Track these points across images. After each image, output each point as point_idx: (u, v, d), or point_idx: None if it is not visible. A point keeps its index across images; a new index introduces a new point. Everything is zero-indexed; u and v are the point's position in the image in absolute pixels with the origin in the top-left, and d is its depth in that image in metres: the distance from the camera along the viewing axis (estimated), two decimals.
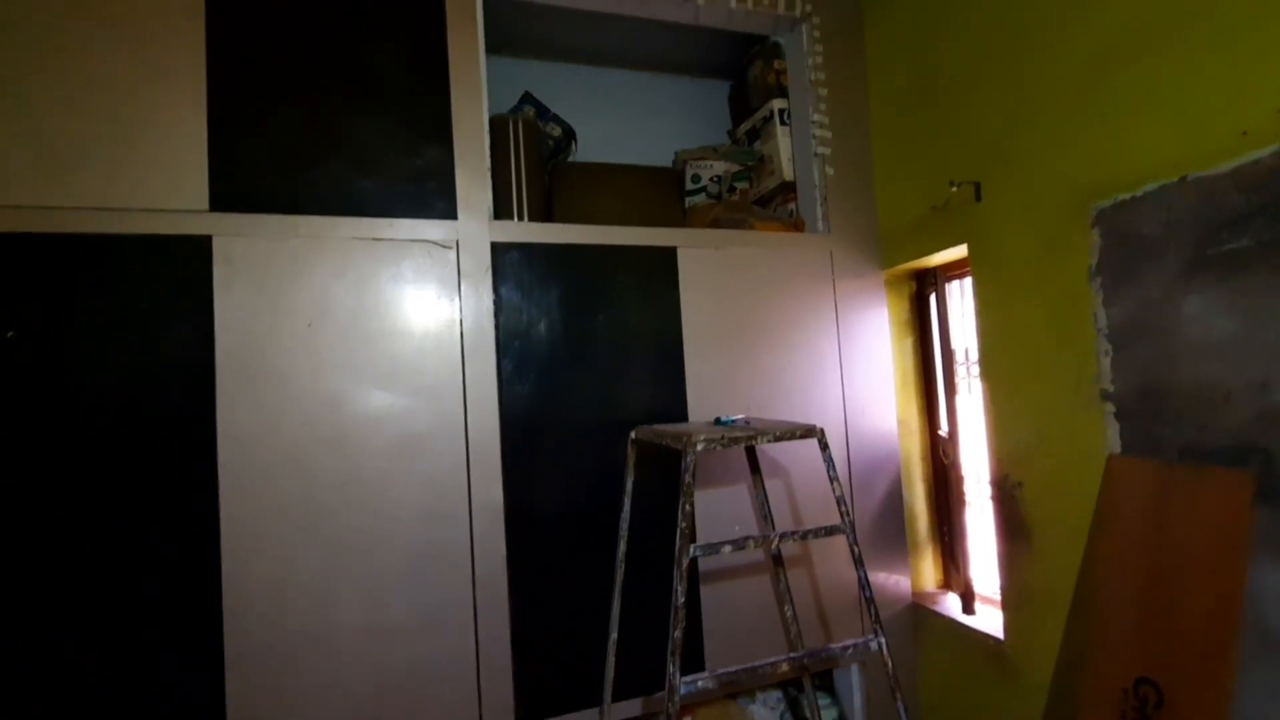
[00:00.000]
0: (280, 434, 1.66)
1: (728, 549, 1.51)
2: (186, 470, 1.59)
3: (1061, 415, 1.75)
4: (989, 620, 2.09)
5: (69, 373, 1.54)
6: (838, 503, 1.61)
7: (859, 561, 1.60)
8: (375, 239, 1.80)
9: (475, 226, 1.89)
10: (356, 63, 1.84)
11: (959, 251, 2.11)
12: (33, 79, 1.57)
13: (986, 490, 2.04)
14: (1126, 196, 1.56)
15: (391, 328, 1.78)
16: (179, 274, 1.62)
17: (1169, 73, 1.46)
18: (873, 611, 1.60)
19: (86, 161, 1.59)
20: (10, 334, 1.52)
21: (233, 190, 1.69)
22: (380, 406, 1.75)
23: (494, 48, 2.49)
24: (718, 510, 2.06)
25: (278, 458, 1.66)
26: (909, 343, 2.42)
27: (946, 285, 2.33)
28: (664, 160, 2.80)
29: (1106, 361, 1.62)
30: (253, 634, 1.61)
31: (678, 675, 1.41)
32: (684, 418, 2.06)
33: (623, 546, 1.87)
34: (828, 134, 2.38)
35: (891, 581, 2.28)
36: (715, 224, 2.45)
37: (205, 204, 1.66)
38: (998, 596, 2.01)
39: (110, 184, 1.60)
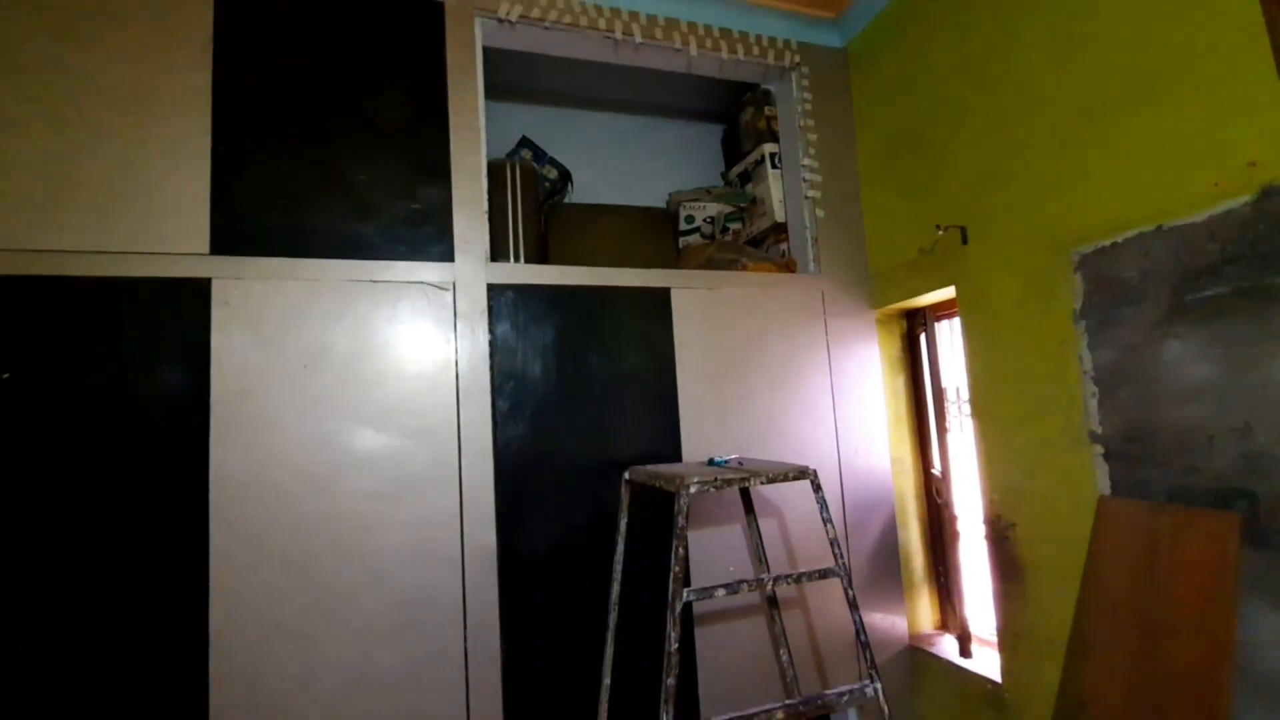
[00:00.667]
0: (271, 478, 1.66)
1: (721, 593, 1.50)
2: (176, 518, 1.58)
3: (1051, 456, 1.76)
4: (986, 663, 2.07)
5: (63, 415, 1.53)
6: (831, 545, 1.61)
7: (854, 605, 1.59)
8: (373, 281, 1.82)
9: (472, 268, 1.92)
10: (359, 110, 1.89)
11: (948, 293, 2.15)
12: (36, 124, 1.60)
13: (980, 530, 2.04)
14: (1107, 243, 1.60)
15: (387, 369, 1.80)
16: (177, 317, 1.64)
17: (1144, 126, 1.52)
18: (868, 656, 1.58)
19: (90, 206, 1.62)
20: (6, 375, 1.53)
21: (234, 233, 1.72)
22: (374, 448, 1.75)
23: (493, 94, 2.56)
24: (712, 551, 2.05)
25: (267, 502, 1.65)
26: (901, 381, 2.45)
27: (936, 324, 2.36)
28: (658, 201, 2.86)
29: (1093, 403, 1.65)
30: (236, 693, 1.57)
31: None
32: (678, 457, 2.06)
33: (616, 589, 1.85)
34: (817, 177, 2.45)
35: (888, 623, 2.26)
36: (708, 264, 2.50)
37: (206, 247, 1.69)
38: (994, 638, 1.99)
39: (113, 228, 1.62)
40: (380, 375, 1.79)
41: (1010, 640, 1.90)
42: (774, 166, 2.58)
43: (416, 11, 1.98)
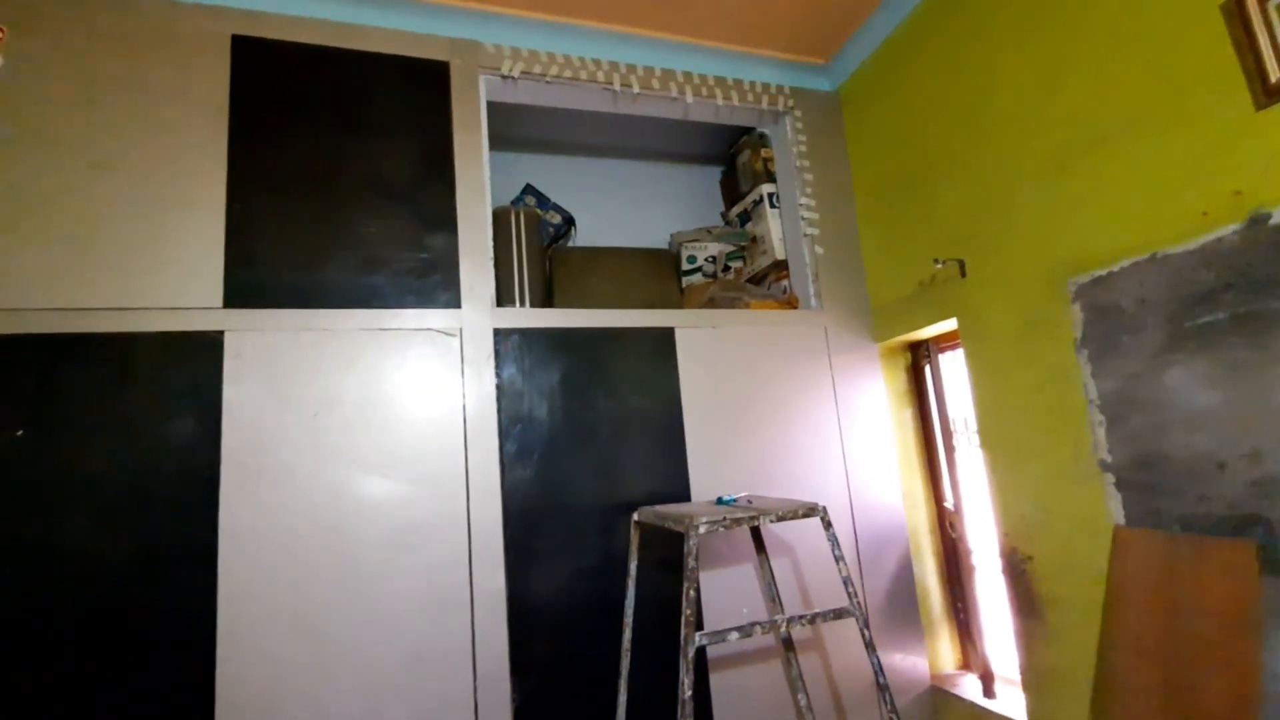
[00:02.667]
0: (280, 528, 1.66)
1: (735, 636, 1.47)
2: (186, 570, 1.58)
3: (1063, 486, 1.75)
4: (1011, 703, 2.01)
5: (76, 470, 1.56)
6: (844, 584, 1.59)
7: (870, 646, 1.56)
8: (382, 329, 1.86)
9: (478, 314, 1.96)
10: (367, 166, 1.96)
11: (950, 324, 2.17)
12: (59, 190, 1.67)
13: (997, 563, 2.01)
14: (1102, 272, 1.62)
15: (396, 416, 1.82)
16: (190, 370, 1.67)
17: (1131, 157, 1.56)
18: (888, 700, 1.54)
19: (109, 265, 1.67)
20: (20, 433, 1.56)
21: (247, 287, 1.76)
22: (383, 495, 1.76)
23: (497, 144, 2.66)
24: (724, 591, 2.03)
25: (276, 553, 1.65)
26: (909, 414, 2.44)
27: (940, 356, 2.37)
28: (660, 242, 2.91)
29: (1101, 432, 1.64)
30: None
31: None
32: (687, 497, 2.05)
33: (628, 634, 1.82)
34: (815, 215, 2.50)
35: (908, 663, 2.20)
36: (711, 302, 2.53)
37: (220, 301, 1.73)
38: (1018, 677, 1.94)
39: (130, 285, 1.68)
40: (389, 422, 1.81)
41: (1035, 679, 1.85)
42: (772, 206, 2.64)
43: (423, 72, 2.08)
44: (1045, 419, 1.79)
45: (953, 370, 2.35)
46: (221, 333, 1.71)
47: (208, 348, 1.69)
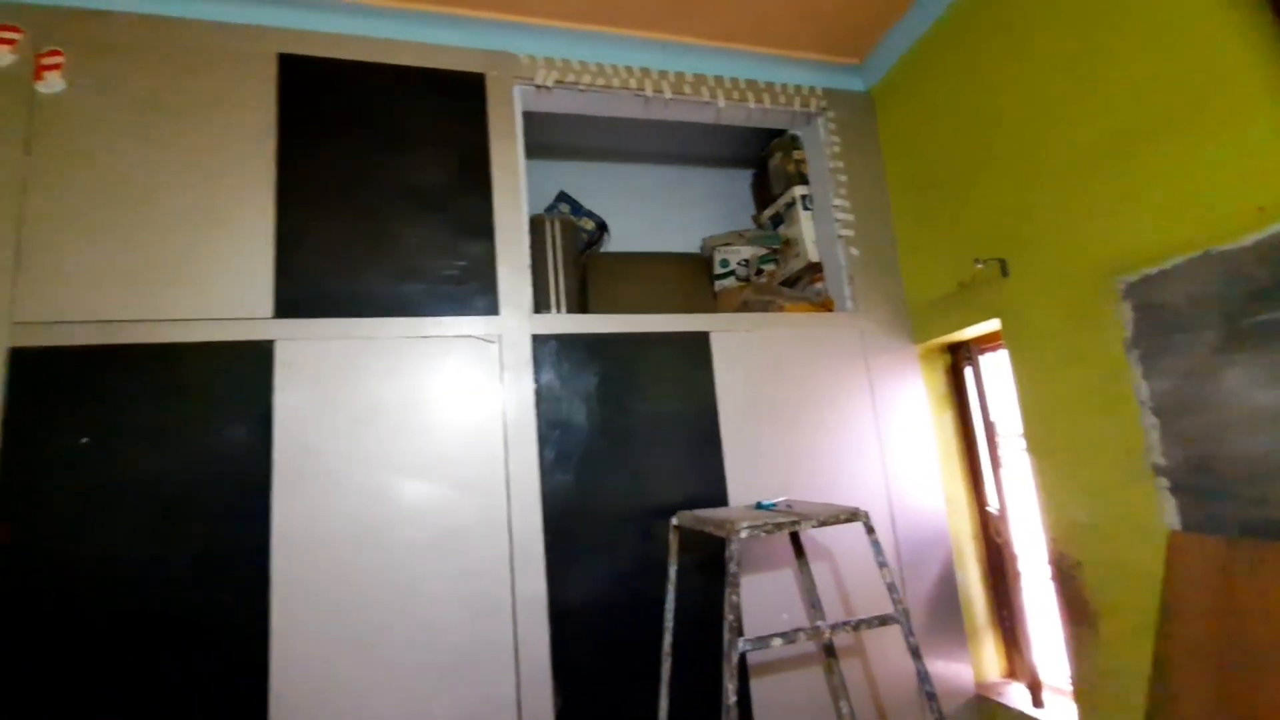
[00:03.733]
0: (329, 530, 1.71)
1: (778, 642, 1.47)
2: (240, 570, 1.64)
3: (1114, 490, 1.70)
4: (1061, 714, 1.96)
5: (138, 475, 1.62)
6: (889, 590, 1.57)
7: (916, 653, 1.54)
8: (423, 336, 1.90)
9: (516, 320, 1.99)
10: (407, 177, 2.01)
11: (991, 325, 2.13)
12: (117, 210, 1.75)
13: (1044, 570, 1.96)
14: (1153, 270, 1.58)
15: (438, 421, 1.85)
16: (244, 378, 1.73)
17: (1181, 151, 1.51)
18: (935, 709, 1.52)
19: (166, 279, 1.74)
20: (85, 440, 1.62)
21: (295, 297, 1.82)
22: (425, 500, 1.80)
23: (530, 152, 2.69)
24: (763, 597, 2.01)
25: (325, 555, 1.70)
26: (949, 416, 2.40)
27: (981, 357, 2.33)
28: (692, 247, 2.92)
29: (1154, 434, 1.59)
30: None
31: None
32: (724, 501, 2.05)
33: (668, 639, 1.82)
34: (849, 216, 2.48)
35: (952, 671, 2.16)
36: (744, 305, 2.53)
37: (270, 311, 1.79)
38: (1068, 686, 1.89)
39: (187, 295, 1.74)
40: (431, 428, 1.84)
41: (1086, 689, 1.80)
42: (805, 208, 2.62)
43: (460, 84, 2.12)
44: (1094, 421, 1.75)
45: (995, 372, 2.30)
46: (272, 342, 1.76)
47: (260, 356, 1.75)
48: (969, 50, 2.12)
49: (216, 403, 1.70)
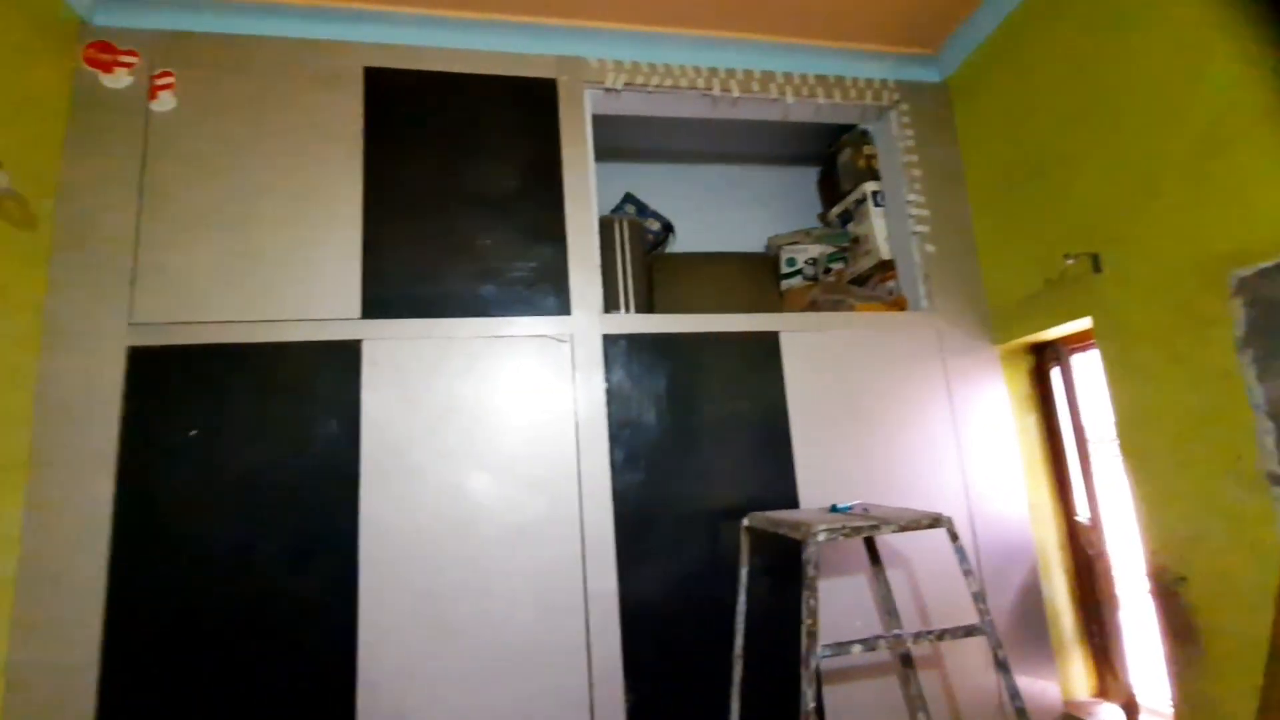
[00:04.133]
0: (412, 523, 1.78)
1: (858, 649, 1.43)
2: (332, 557, 1.72)
3: (1223, 501, 1.58)
4: None
5: (239, 464, 1.73)
6: (974, 599, 1.51)
7: (1004, 666, 1.47)
8: (497, 336, 1.95)
9: (587, 320, 2.02)
10: (482, 180, 2.06)
11: (1081, 324, 2.01)
12: (221, 220, 1.87)
13: (1141, 583, 1.84)
14: (1270, 264, 1.46)
15: (512, 419, 1.90)
16: (334, 376, 1.82)
17: None
18: None
19: (263, 282, 1.85)
20: (193, 433, 1.74)
21: (380, 298, 1.90)
22: (500, 495, 1.84)
23: (597, 155, 2.72)
24: (836, 603, 1.97)
25: (409, 546, 1.76)
26: (1033, 420, 2.29)
27: (1071, 358, 2.21)
28: (757, 246, 2.89)
29: (1270, 441, 1.47)
30: (382, 715, 1.66)
31: None
32: (794, 504, 2.02)
33: (739, 641, 1.81)
34: (925, 212, 2.39)
35: (1037, 688, 2.05)
36: (813, 305, 2.48)
37: (358, 311, 1.88)
38: (1169, 710, 1.77)
39: (283, 298, 1.85)
40: (505, 425, 1.89)
41: (1190, 713, 1.68)
42: (876, 204, 2.55)
43: (532, 90, 2.16)
44: (1200, 426, 1.63)
45: (1085, 374, 2.18)
46: (359, 341, 1.85)
47: (348, 355, 1.83)
48: (1058, 35, 2.02)
49: (310, 399, 1.79)
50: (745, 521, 1.85)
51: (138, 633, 1.61)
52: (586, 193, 2.13)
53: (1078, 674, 2.13)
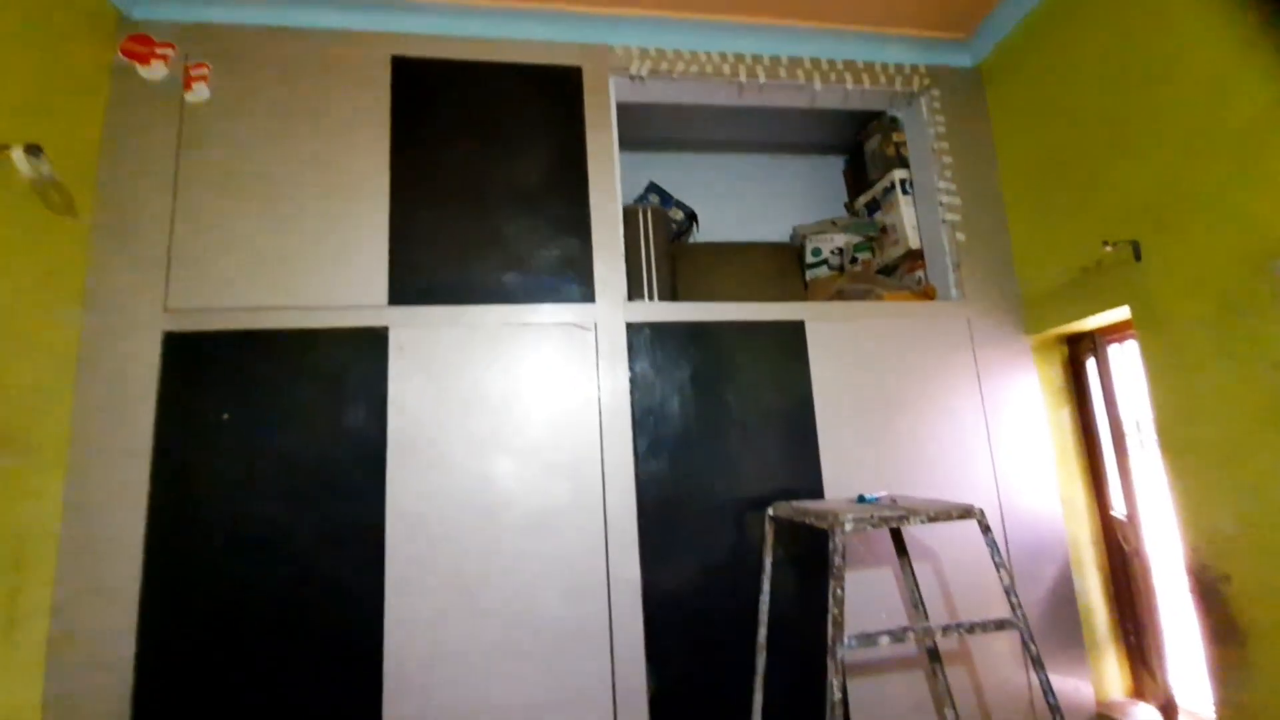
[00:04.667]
0: (438, 508, 1.79)
1: (886, 640, 1.41)
2: (359, 541, 1.74)
3: (1272, 497, 1.52)
4: None
5: (269, 448, 1.76)
6: (1006, 593, 1.47)
7: (1038, 662, 1.44)
8: (523, 324, 1.95)
9: (611, 308, 2.01)
10: (508, 169, 2.07)
11: (1119, 314, 1.95)
12: (251, 210, 1.90)
13: (1180, 581, 1.78)
14: None
15: (537, 406, 1.90)
16: (361, 362, 1.84)
17: None
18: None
19: (292, 267, 1.88)
20: (227, 415, 1.78)
21: (406, 285, 1.92)
22: (524, 481, 1.85)
23: (621, 144, 2.71)
24: (861, 595, 1.94)
25: (436, 530, 1.78)
26: (1065, 413, 2.23)
27: (1107, 349, 2.14)
28: (782, 236, 2.85)
29: None
30: (408, 695, 1.68)
31: None
32: (819, 494, 1.99)
33: (763, 631, 1.79)
34: (955, 200, 2.34)
35: (1070, 686, 2.00)
36: (839, 295, 2.44)
37: (385, 299, 1.90)
38: (1210, 713, 1.71)
39: (311, 285, 1.87)
40: (530, 412, 1.89)
41: (1231, 715, 1.62)
42: (905, 192, 2.50)
43: (557, 78, 2.16)
44: (1248, 420, 1.57)
45: (1122, 366, 2.12)
46: (386, 328, 1.87)
47: (375, 342, 1.85)
48: (1097, 18, 1.95)
49: (338, 386, 1.81)
50: (770, 511, 1.83)
51: (173, 601, 1.65)
52: (611, 181, 2.12)
53: (1111, 674, 2.08)
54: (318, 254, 1.90)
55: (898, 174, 2.52)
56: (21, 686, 1.53)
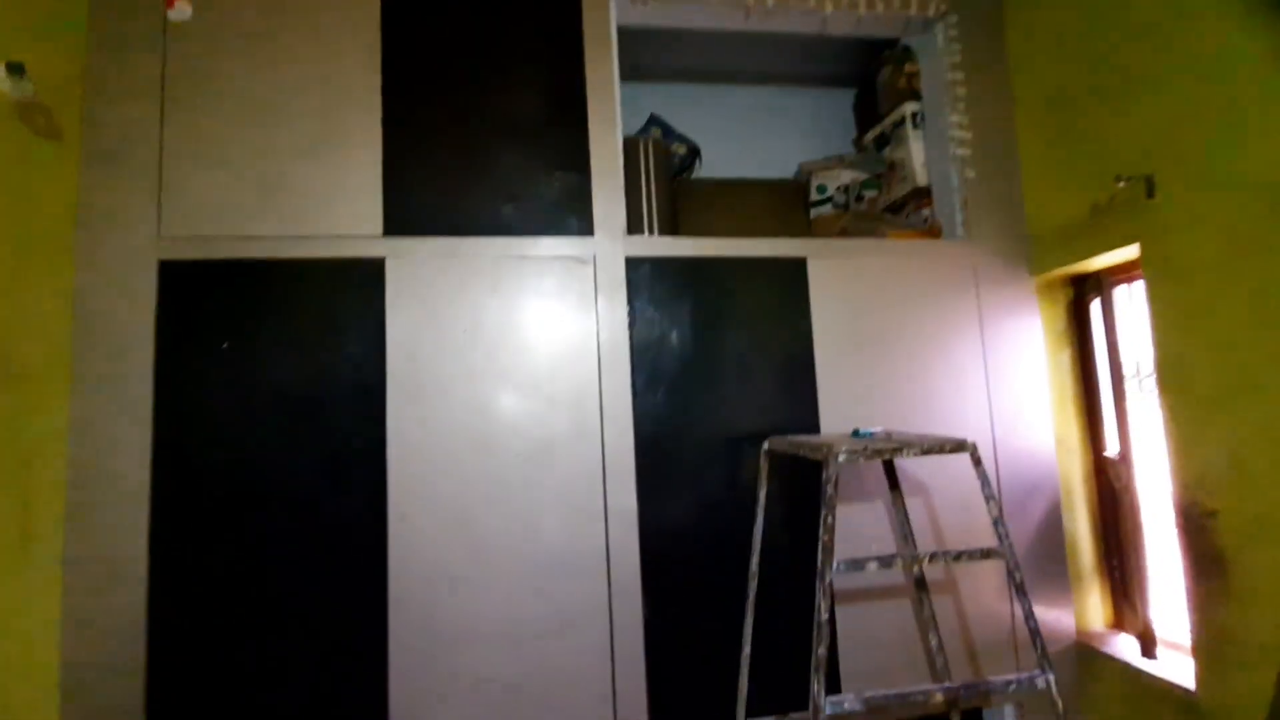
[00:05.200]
0: (438, 438, 1.81)
1: (873, 565, 1.44)
2: (361, 472, 1.77)
3: (1271, 436, 1.52)
4: (1175, 668, 1.84)
5: (269, 378, 1.77)
6: (994, 524, 1.50)
7: (1021, 589, 1.48)
8: (522, 256, 1.93)
9: (610, 242, 1.98)
10: (505, 96, 2.00)
11: (1127, 253, 1.92)
12: (238, 137, 1.85)
13: (1167, 519, 1.81)
14: None
15: (536, 339, 1.90)
16: (358, 292, 1.83)
17: None
18: (1039, 645, 1.46)
19: (287, 199, 1.84)
20: (226, 345, 1.78)
21: (402, 216, 1.89)
22: (524, 414, 1.86)
23: (622, 74, 2.61)
24: (852, 528, 1.98)
25: (436, 460, 1.81)
26: (1066, 355, 2.22)
27: (1113, 291, 2.12)
28: (787, 173, 2.78)
29: None
30: (412, 621, 1.75)
31: (822, 694, 1.36)
32: (815, 430, 2.01)
33: (755, 560, 1.84)
34: (967, 135, 2.27)
35: (1051, 617, 2.07)
36: (844, 233, 2.40)
37: (380, 229, 1.87)
38: (1185, 641, 1.77)
39: (304, 214, 1.84)
40: (529, 346, 1.89)
41: (1209, 644, 1.68)
42: (915, 126, 2.42)
43: None
44: (1257, 359, 1.55)
45: (1126, 308, 2.09)
46: (383, 259, 1.85)
47: (372, 273, 1.83)
48: None
49: (336, 317, 1.81)
50: (766, 445, 1.85)
51: (181, 530, 1.69)
52: (611, 110, 2.05)
53: (1094, 606, 2.14)
54: (309, 181, 1.85)
55: (909, 107, 2.44)
56: (40, 605, 1.59)
